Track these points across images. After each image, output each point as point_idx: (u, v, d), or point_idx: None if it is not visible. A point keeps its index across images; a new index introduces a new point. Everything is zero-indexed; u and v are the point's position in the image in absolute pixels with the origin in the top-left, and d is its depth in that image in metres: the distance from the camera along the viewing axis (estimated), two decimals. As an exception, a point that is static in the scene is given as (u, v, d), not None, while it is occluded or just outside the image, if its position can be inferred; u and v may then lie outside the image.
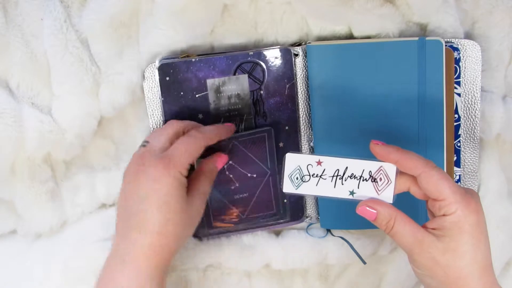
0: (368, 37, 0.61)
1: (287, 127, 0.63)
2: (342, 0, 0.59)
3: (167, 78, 0.58)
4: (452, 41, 0.61)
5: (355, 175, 0.51)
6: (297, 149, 0.64)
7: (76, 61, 0.59)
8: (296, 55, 0.61)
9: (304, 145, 0.65)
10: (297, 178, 0.52)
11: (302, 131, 0.64)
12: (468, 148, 0.65)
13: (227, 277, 0.68)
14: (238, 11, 0.61)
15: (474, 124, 0.64)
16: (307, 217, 0.67)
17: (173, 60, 0.57)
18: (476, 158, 0.65)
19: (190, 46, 0.61)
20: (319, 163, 0.51)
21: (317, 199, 0.66)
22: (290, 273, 0.69)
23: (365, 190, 0.51)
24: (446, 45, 0.60)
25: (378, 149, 0.51)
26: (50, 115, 0.61)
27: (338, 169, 0.51)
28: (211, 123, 0.60)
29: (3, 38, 0.58)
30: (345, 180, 0.51)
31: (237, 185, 0.63)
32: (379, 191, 0.51)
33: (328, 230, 0.67)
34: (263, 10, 0.61)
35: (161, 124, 0.62)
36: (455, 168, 0.65)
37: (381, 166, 0.50)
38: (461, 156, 0.65)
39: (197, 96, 0.59)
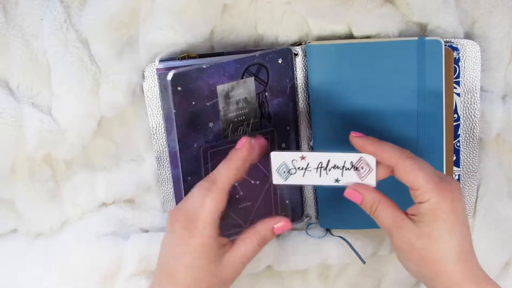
0: (368, 37, 0.61)
1: (288, 127, 0.63)
2: (342, 0, 0.59)
3: (179, 88, 0.56)
4: (452, 41, 0.61)
5: (337, 166, 0.54)
6: (298, 149, 0.64)
7: (76, 61, 0.59)
8: (296, 54, 0.61)
9: (304, 145, 0.65)
10: (284, 172, 0.55)
11: (301, 130, 0.64)
12: (467, 148, 0.65)
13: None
14: (238, 11, 0.61)
15: (474, 124, 0.64)
16: (306, 217, 0.67)
17: (184, 67, 0.56)
18: (476, 158, 0.65)
19: (190, 46, 0.61)
20: (302, 158, 0.54)
21: (316, 199, 0.66)
22: (290, 273, 0.69)
23: (349, 178, 0.54)
24: (445, 45, 0.60)
25: (356, 140, 0.54)
26: (50, 115, 0.61)
27: (321, 162, 0.54)
28: (221, 131, 0.59)
29: (3, 38, 0.58)
30: (329, 170, 0.54)
31: (241, 193, 0.63)
32: (362, 177, 0.54)
33: (328, 230, 0.67)
34: (263, 10, 0.61)
35: (160, 124, 0.62)
36: (455, 168, 0.65)
37: (361, 157, 0.53)
38: (460, 156, 0.65)
39: (208, 104, 0.58)
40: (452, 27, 0.61)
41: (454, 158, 0.64)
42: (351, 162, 0.53)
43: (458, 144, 0.64)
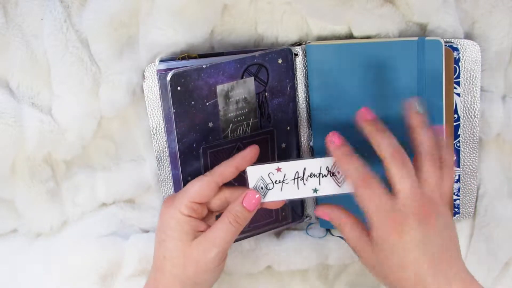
0: (368, 37, 0.62)
1: (288, 128, 0.63)
2: (342, 0, 0.59)
3: (179, 88, 0.56)
4: (452, 41, 0.62)
5: (314, 174, 0.53)
6: (298, 149, 0.64)
7: (76, 61, 0.59)
8: (296, 54, 0.61)
9: (304, 145, 0.65)
10: (261, 188, 0.54)
11: (302, 131, 0.64)
12: (467, 148, 0.65)
13: (227, 276, 0.68)
14: (238, 11, 0.61)
15: (474, 124, 0.64)
16: (306, 217, 0.67)
17: (183, 68, 0.56)
18: (476, 158, 0.65)
19: (190, 46, 0.61)
20: (278, 169, 0.54)
21: (317, 199, 0.66)
22: (289, 273, 0.69)
23: (327, 185, 0.54)
24: (445, 45, 0.60)
25: (329, 148, 0.53)
26: (50, 115, 0.61)
27: (297, 171, 0.54)
28: (220, 131, 0.59)
29: (3, 38, 0.58)
30: (306, 180, 0.54)
31: None
32: (339, 183, 0.53)
33: (328, 230, 0.67)
34: (263, 10, 0.61)
35: (161, 124, 0.62)
36: (455, 168, 0.65)
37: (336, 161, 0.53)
38: (460, 156, 0.65)
39: (207, 104, 0.58)
40: (452, 27, 0.61)
41: (454, 158, 0.64)
42: (327, 167, 0.53)
43: (458, 144, 0.64)
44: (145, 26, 0.60)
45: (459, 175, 0.65)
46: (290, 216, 0.66)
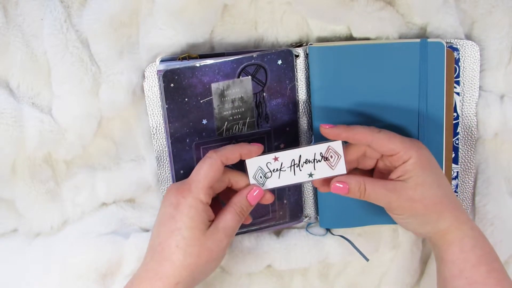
0: (368, 39, 0.61)
1: (287, 128, 0.63)
2: (342, 1, 0.59)
3: (172, 85, 0.57)
4: (452, 41, 0.62)
5: (309, 160, 0.57)
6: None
7: (76, 61, 0.59)
8: (297, 56, 0.61)
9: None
10: (260, 177, 0.57)
11: (302, 132, 0.64)
12: (465, 146, 0.65)
13: (227, 275, 0.68)
14: (238, 11, 0.61)
15: (472, 123, 0.64)
16: (305, 217, 0.67)
17: (178, 65, 0.57)
18: (473, 155, 0.65)
19: (190, 46, 0.61)
20: (275, 159, 0.57)
21: (316, 199, 0.66)
22: (289, 272, 0.69)
23: (321, 170, 0.57)
24: (446, 46, 0.60)
25: (328, 131, 0.56)
26: (51, 115, 0.61)
27: (293, 159, 0.57)
28: (215, 128, 0.60)
29: (4, 38, 0.58)
30: (302, 166, 0.57)
31: None
32: (333, 166, 0.57)
33: (328, 230, 0.68)
34: (263, 10, 0.61)
35: (161, 124, 0.62)
36: (453, 165, 0.65)
37: (328, 146, 0.56)
38: (459, 153, 0.65)
39: (201, 101, 0.58)
40: (452, 27, 0.61)
41: (453, 155, 0.65)
42: (321, 153, 0.56)
43: (457, 142, 0.64)
44: (145, 26, 0.60)
45: (457, 172, 0.65)
46: (288, 215, 0.66)
